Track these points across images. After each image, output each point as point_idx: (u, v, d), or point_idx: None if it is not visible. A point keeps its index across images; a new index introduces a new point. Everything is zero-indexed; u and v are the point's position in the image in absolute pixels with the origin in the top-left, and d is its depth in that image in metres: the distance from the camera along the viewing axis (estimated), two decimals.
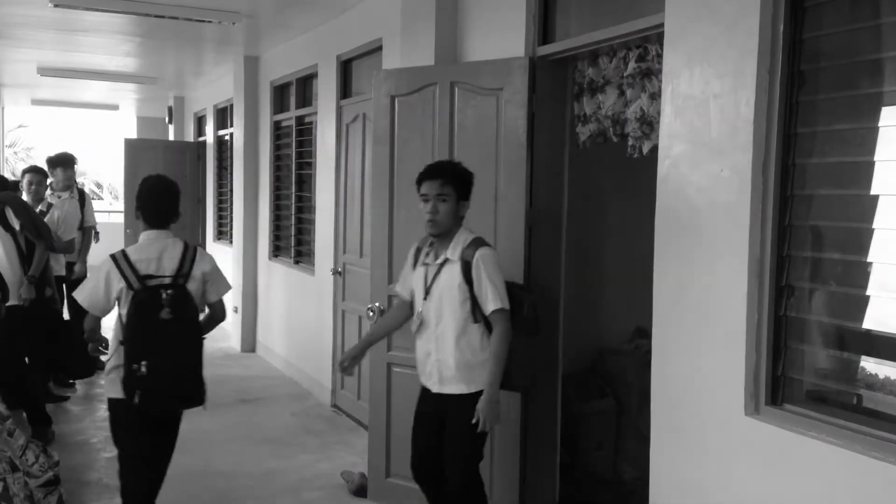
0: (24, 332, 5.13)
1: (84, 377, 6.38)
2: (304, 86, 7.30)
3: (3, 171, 9.57)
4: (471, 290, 3.18)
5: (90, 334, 3.48)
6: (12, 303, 4.95)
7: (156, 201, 3.54)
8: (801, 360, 2.49)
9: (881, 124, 2.27)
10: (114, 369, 3.30)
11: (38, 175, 6.47)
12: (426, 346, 3.32)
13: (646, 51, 3.39)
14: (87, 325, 3.45)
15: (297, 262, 7.35)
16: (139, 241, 3.48)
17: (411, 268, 3.43)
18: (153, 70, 9.74)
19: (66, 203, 6.52)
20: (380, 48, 5.41)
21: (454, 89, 3.87)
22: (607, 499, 4.27)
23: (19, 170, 7.86)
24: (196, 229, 10.58)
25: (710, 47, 2.61)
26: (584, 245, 4.40)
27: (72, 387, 6.48)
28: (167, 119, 12.58)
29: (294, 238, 7.43)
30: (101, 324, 3.46)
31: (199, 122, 11.42)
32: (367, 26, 5.66)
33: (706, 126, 2.62)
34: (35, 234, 5.26)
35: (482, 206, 3.79)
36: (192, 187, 10.62)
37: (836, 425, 2.26)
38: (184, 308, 3.31)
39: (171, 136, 12.41)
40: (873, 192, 2.27)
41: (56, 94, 12.39)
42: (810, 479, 2.28)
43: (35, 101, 13.72)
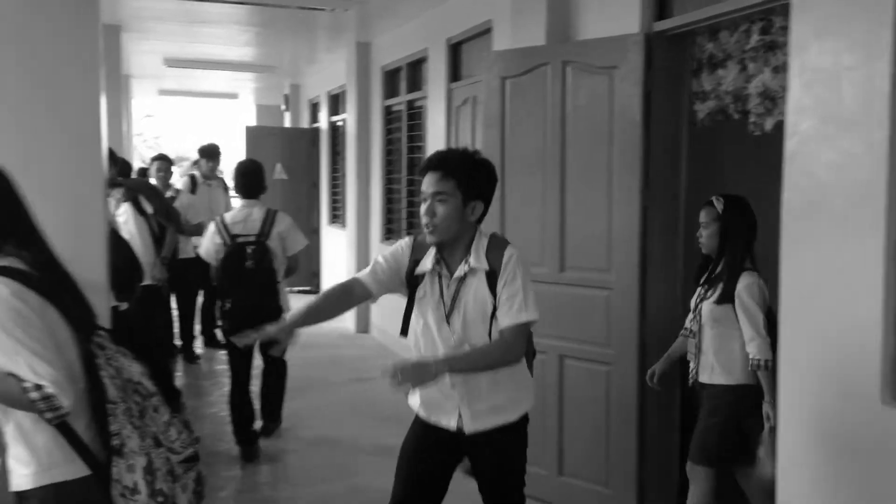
0: (159, 309, 5.51)
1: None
2: (415, 70, 7.37)
3: (132, 159, 10.13)
4: (496, 298, 2.47)
5: (215, 277, 4.68)
6: (147, 283, 5.26)
7: (243, 180, 4.71)
8: None
9: None
10: None
11: (165, 163, 6.85)
12: (443, 382, 2.47)
13: (769, 23, 3.25)
14: (212, 273, 4.71)
15: None
16: (234, 208, 4.70)
17: (400, 266, 2.59)
18: (270, 59, 10.08)
19: (214, 190, 7.12)
20: (489, 30, 5.40)
21: (566, 69, 3.82)
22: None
23: (147, 157, 8.36)
24: (311, 213, 10.90)
25: (840, 18, 2.46)
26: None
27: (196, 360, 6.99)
28: (283, 106, 12.98)
29: (406, 221, 7.54)
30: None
31: (314, 109, 11.74)
32: (476, 8, 5.65)
33: (837, 100, 2.48)
34: (166, 218, 5.57)
35: (594, 188, 3.74)
36: (307, 172, 10.94)
37: None
38: (262, 260, 4.49)
39: (287, 123, 12.82)
40: None
41: (180, 84, 13.01)
42: None
43: (161, 92, 14.45)
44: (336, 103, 10.26)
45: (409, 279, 2.56)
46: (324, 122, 10.76)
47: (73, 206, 3.53)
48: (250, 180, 4.71)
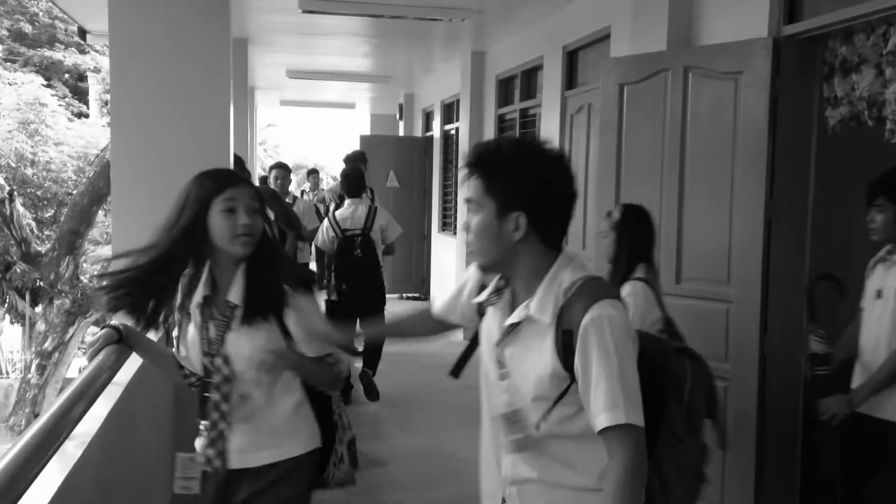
0: None
1: None
2: (529, 78, 7.36)
3: (254, 168, 10.59)
4: (573, 380, 1.62)
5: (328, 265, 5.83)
6: None
7: (347, 182, 5.95)
8: None
9: None
10: None
11: (283, 171, 7.10)
12: (494, 453, 1.81)
13: None
14: (326, 260, 5.89)
15: None
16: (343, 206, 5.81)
17: (469, 297, 1.96)
18: (386, 69, 10.30)
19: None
20: (607, 36, 5.32)
21: (688, 74, 3.72)
22: None
23: (268, 165, 8.86)
24: (422, 220, 11.06)
25: None
26: (832, 241, 4.05)
27: None
28: (398, 115, 13.24)
29: None
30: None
31: (427, 118, 11.91)
32: (594, 14, 5.59)
33: None
34: (287, 224, 5.80)
35: (715, 197, 3.61)
36: (419, 180, 11.11)
37: None
38: (367, 249, 5.71)
39: (401, 132, 13.06)
40: None
41: (301, 94, 13.48)
42: None
43: (283, 102, 15.02)
44: (449, 112, 10.37)
45: (480, 308, 1.88)
46: (437, 130, 10.90)
47: None
48: (353, 183, 5.90)
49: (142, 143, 3.66)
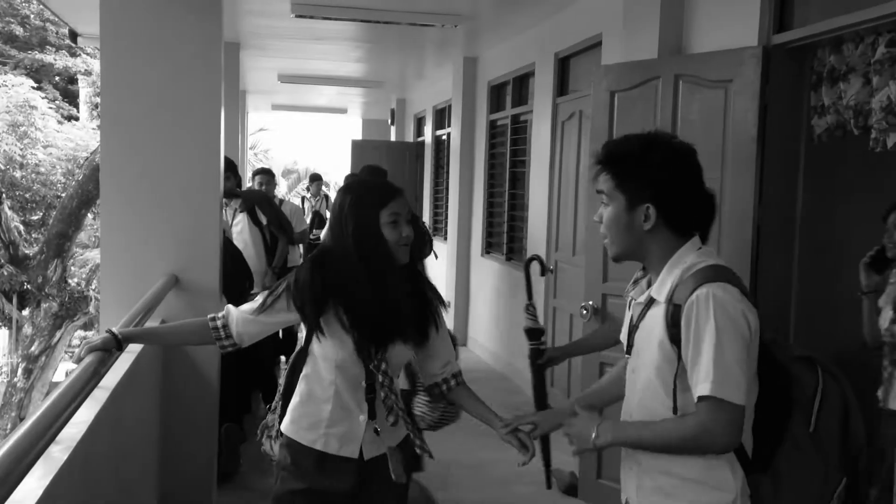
0: None
1: None
2: (521, 84, 7.38)
3: (245, 171, 10.59)
4: (679, 355, 1.74)
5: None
6: (256, 290, 5.46)
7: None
8: None
9: None
10: None
11: (267, 175, 7.09)
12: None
13: None
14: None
15: (508, 259, 7.46)
16: None
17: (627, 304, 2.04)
18: (379, 74, 10.31)
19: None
20: (599, 44, 5.35)
21: (678, 82, 3.74)
22: None
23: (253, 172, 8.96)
24: None
25: None
26: (821, 248, 4.06)
27: None
28: (389, 121, 13.25)
29: (506, 235, 7.54)
30: None
31: (419, 123, 11.92)
32: (586, 22, 5.61)
33: None
34: (279, 229, 5.78)
35: None
36: (411, 185, 11.11)
37: None
38: None
39: (393, 137, 13.07)
40: None
41: (293, 99, 13.49)
42: None
43: (275, 106, 15.02)
44: (441, 117, 10.39)
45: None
46: (428, 136, 10.91)
47: (193, 214, 3.71)
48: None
49: (132, 147, 3.65)
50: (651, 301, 1.81)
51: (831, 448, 1.77)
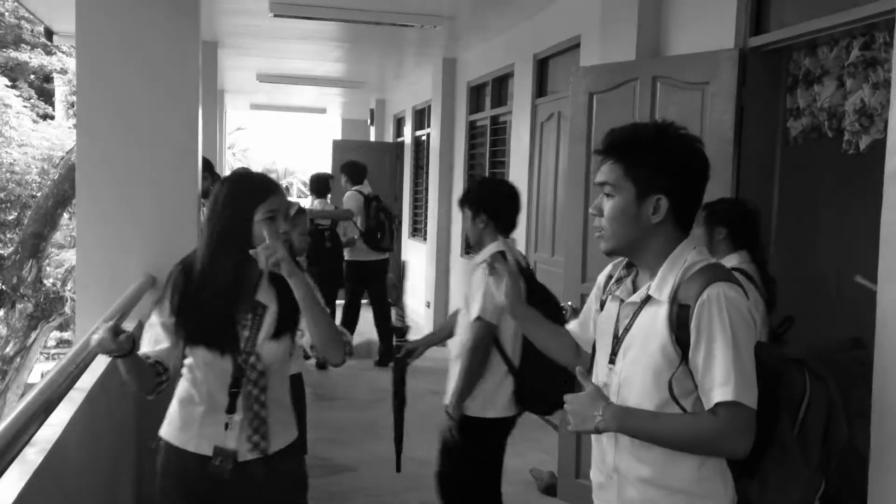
0: None
1: None
2: (500, 86, 7.40)
3: (223, 171, 10.51)
4: (684, 359, 1.64)
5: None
6: None
7: (316, 186, 7.64)
8: None
9: None
10: None
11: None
12: (600, 442, 1.84)
13: (872, 38, 3.13)
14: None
15: None
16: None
17: (595, 302, 1.93)
18: (358, 74, 10.29)
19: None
20: (577, 45, 5.37)
21: (656, 84, 3.77)
22: None
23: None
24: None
25: None
26: (796, 249, 4.12)
27: None
28: (369, 121, 13.23)
29: None
30: None
31: (398, 124, 11.91)
32: (564, 24, 5.64)
33: None
34: None
35: None
36: (390, 186, 11.10)
37: None
38: (336, 241, 7.33)
39: (372, 137, 13.04)
40: None
41: (272, 98, 13.41)
42: None
43: (253, 106, 14.93)
44: (421, 118, 10.39)
45: (601, 305, 1.88)
46: (408, 136, 10.90)
47: (170, 214, 3.69)
48: (319, 186, 7.52)
49: (108, 146, 3.62)
50: (647, 300, 1.69)
51: (814, 451, 1.74)
